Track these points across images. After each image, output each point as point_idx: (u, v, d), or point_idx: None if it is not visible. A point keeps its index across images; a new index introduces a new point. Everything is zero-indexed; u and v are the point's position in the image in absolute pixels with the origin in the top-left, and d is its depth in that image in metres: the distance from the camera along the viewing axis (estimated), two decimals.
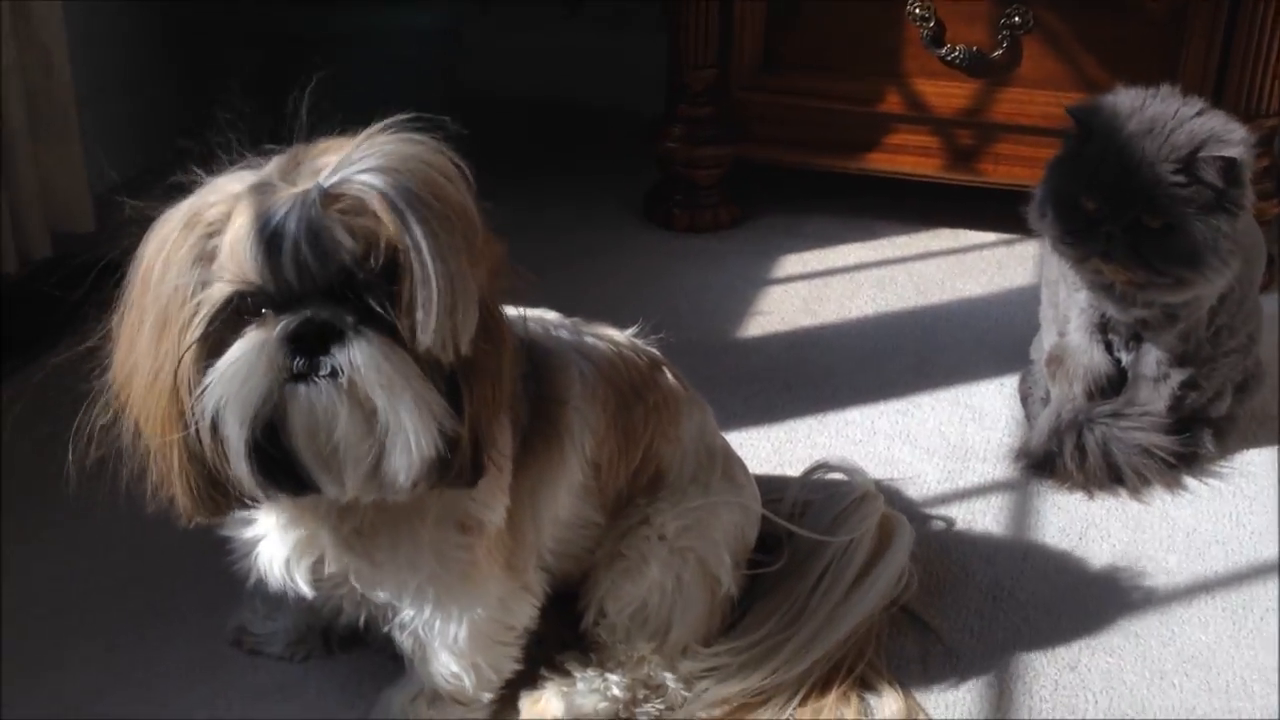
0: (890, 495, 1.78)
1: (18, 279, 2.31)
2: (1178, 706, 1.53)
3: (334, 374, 1.12)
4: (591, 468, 1.44)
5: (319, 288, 1.12)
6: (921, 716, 1.50)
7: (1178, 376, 1.93)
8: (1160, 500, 1.89)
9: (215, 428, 1.13)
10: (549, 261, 2.44)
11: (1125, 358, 1.98)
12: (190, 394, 1.14)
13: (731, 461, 1.59)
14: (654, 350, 1.55)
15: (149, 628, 1.60)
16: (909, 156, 2.57)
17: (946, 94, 2.51)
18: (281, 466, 1.16)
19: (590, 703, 1.46)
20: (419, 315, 1.12)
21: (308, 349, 1.12)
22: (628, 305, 2.31)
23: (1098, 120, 1.82)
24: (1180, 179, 1.75)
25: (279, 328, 1.12)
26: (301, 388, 1.13)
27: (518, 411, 1.34)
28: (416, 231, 1.11)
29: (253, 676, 1.54)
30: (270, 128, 1.21)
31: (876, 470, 1.89)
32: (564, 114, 3.14)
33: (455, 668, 1.39)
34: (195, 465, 1.17)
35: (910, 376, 2.17)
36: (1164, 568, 1.76)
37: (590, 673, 1.48)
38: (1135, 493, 1.90)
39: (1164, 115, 1.79)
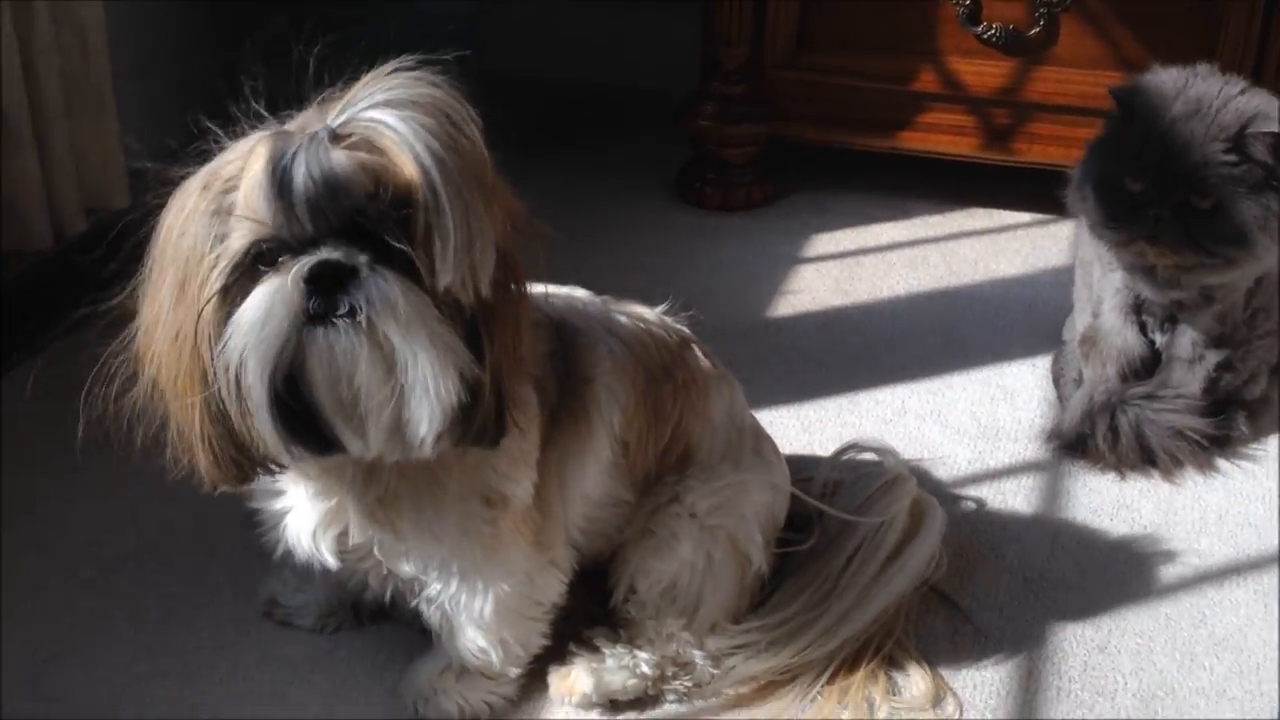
0: (921, 475, 1.77)
1: (52, 254, 2.32)
2: (1208, 689, 1.53)
3: (351, 313, 1.12)
4: (620, 445, 1.44)
5: (333, 229, 1.12)
6: (949, 696, 1.50)
7: (1213, 358, 1.91)
8: (1193, 482, 1.88)
9: (238, 383, 1.13)
10: (581, 240, 2.44)
11: (1159, 339, 1.96)
12: (211, 350, 1.14)
13: (761, 439, 1.58)
14: (683, 328, 1.55)
15: (179, 600, 1.62)
16: (943, 135, 2.55)
17: (982, 72, 2.49)
18: (304, 421, 1.15)
19: (619, 680, 1.46)
20: (436, 250, 1.11)
21: (325, 290, 1.12)
22: (659, 283, 2.32)
23: (1141, 101, 1.80)
24: (1230, 157, 1.74)
25: (294, 270, 1.12)
26: (320, 330, 1.12)
27: (546, 388, 1.34)
28: (428, 163, 1.10)
29: (283, 648, 1.55)
30: (293, 92, 1.22)
31: (907, 450, 1.89)
32: (595, 94, 3.13)
33: (482, 643, 1.40)
34: (218, 427, 1.17)
35: (942, 356, 2.16)
36: (1196, 550, 1.75)
37: (619, 649, 1.48)
38: (1167, 475, 1.88)
39: (1209, 94, 1.77)
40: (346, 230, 1.12)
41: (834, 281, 2.38)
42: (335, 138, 1.11)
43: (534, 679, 1.49)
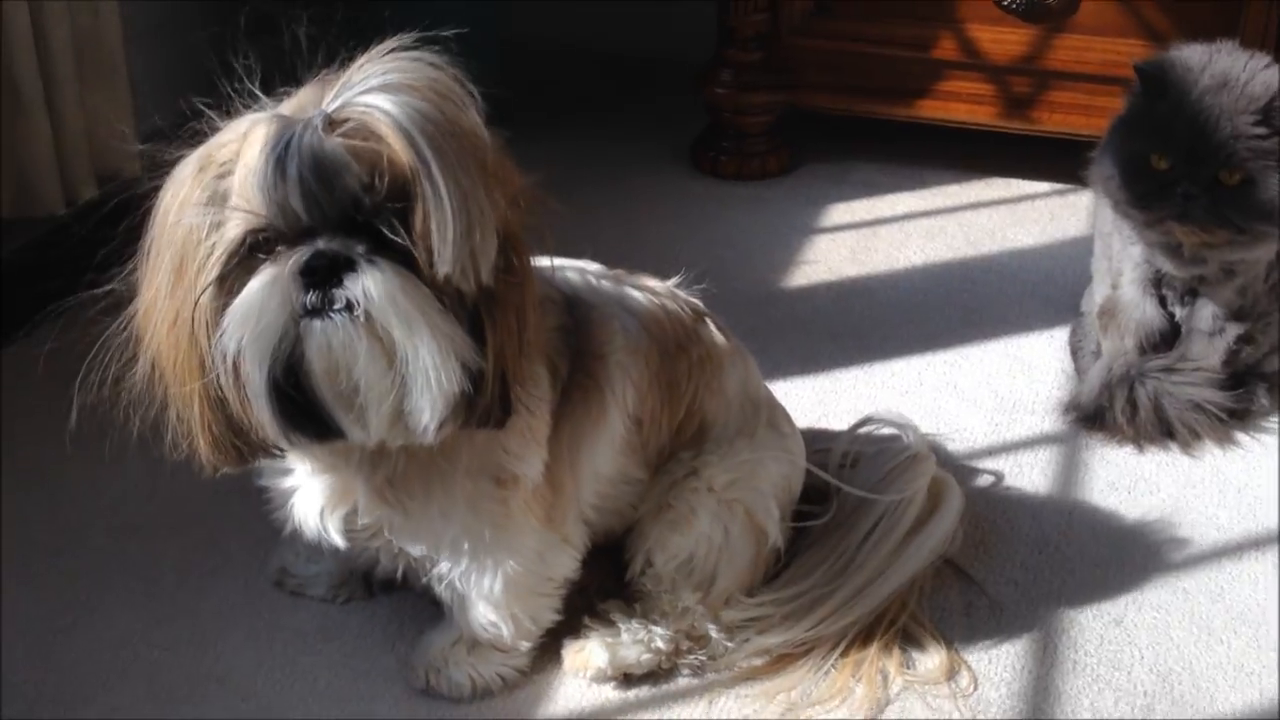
0: (937, 449, 1.76)
1: (63, 220, 2.32)
2: (1225, 663, 1.52)
3: (349, 307, 1.10)
4: (633, 422, 1.42)
5: (329, 218, 1.10)
6: (964, 669, 1.49)
7: (1233, 331, 1.90)
8: (1211, 455, 1.86)
9: (236, 371, 1.12)
10: (595, 208, 2.43)
11: (1179, 312, 1.94)
12: (209, 338, 1.13)
13: (776, 411, 1.57)
14: (697, 301, 1.53)
15: (190, 569, 1.62)
16: (962, 104, 2.53)
17: (1002, 40, 2.46)
18: (304, 409, 1.14)
19: (634, 654, 1.46)
20: (434, 239, 1.09)
21: (321, 282, 1.10)
22: (673, 253, 2.31)
23: (1168, 77, 1.78)
24: (1260, 130, 1.72)
25: (290, 262, 1.10)
26: (317, 323, 1.11)
27: (557, 364, 1.33)
28: (425, 150, 1.08)
29: (294, 617, 1.55)
30: (288, 68, 1.20)
31: (923, 422, 1.87)
32: (611, 62, 3.11)
33: (493, 617, 1.39)
34: (217, 413, 1.16)
35: (959, 328, 2.14)
36: (1214, 523, 1.73)
37: (634, 624, 1.48)
38: (1186, 448, 1.87)
39: (1235, 68, 1.76)
40: (343, 220, 1.10)
41: (850, 252, 2.36)
42: (330, 124, 1.09)
43: (547, 651, 1.48)
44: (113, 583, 1.59)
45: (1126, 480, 1.81)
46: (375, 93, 1.10)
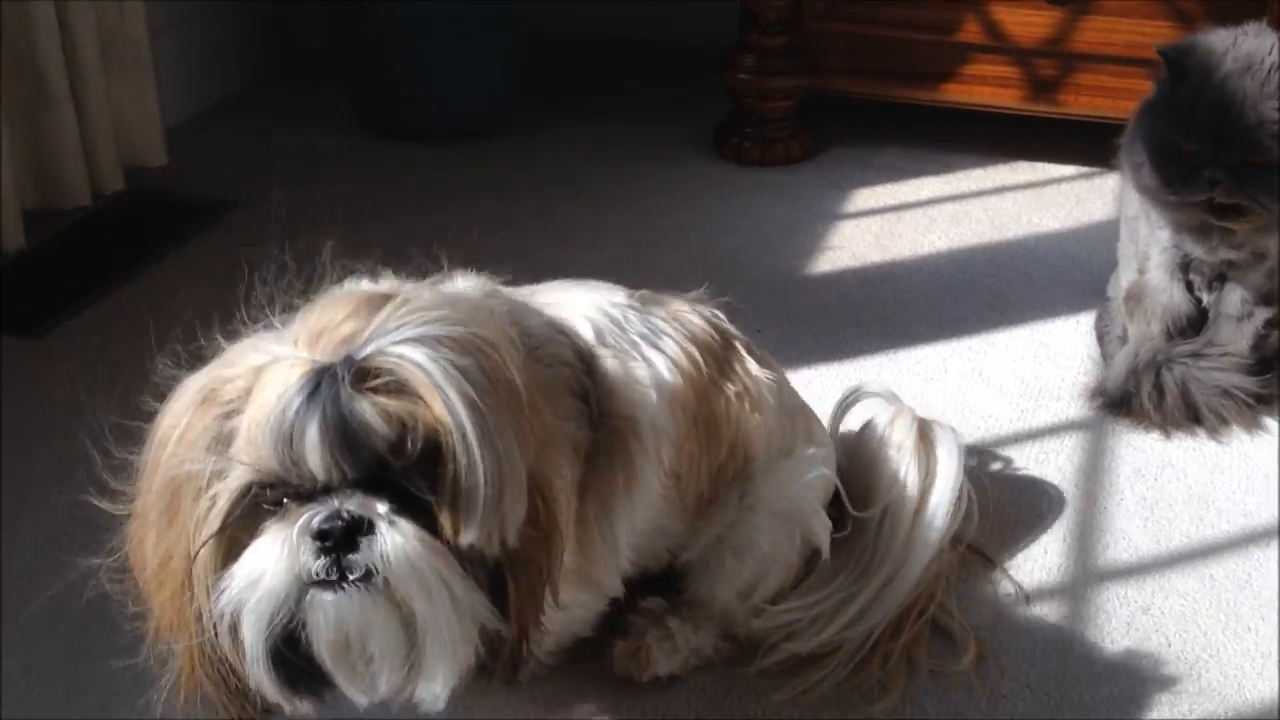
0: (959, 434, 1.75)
1: (90, 212, 2.33)
2: (1253, 651, 1.51)
3: (366, 575, 0.99)
4: (671, 478, 1.35)
5: (349, 478, 0.99)
6: (992, 659, 1.49)
7: (1262, 315, 1.89)
8: (1239, 441, 1.85)
9: (233, 633, 1.02)
10: (618, 197, 2.43)
11: (1206, 297, 1.93)
12: (208, 595, 1.02)
13: (811, 420, 1.54)
14: (724, 322, 1.46)
15: None
16: (987, 87, 2.51)
17: (1027, 22, 2.45)
18: (305, 671, 1.04)
19: (688, 659, 1.44)
20: (462, 504, 1.00)
21: (335, 547, 0.99)
22: (696, 240, 2.30)
23: (1192, 61, 1.77)
24: None
25: (300, 524, 0.99)
26: (328, 595, 1.00)
27: (577, 441, 1.24)
28: (462, 414, 0.98)
29: None
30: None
31: (948, 409, 1.87)
32: (633, 48, 3.10)
33: None
34: (214, 669, 1.07)
35: (984, 313, 2.13)
36: (1242, 509, 1.72)
37: (688, 627, 1.45)
38: (1214, 433, 1.86)
39: (1260, 50, 1.74)
40: (364, 477, 1.00)
41: (874, 237, 2.36)
42: (359, 375, 0.98)
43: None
44: None
45: (1153, 466, 1.80)
46: (412, 344, 1.00)
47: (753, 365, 1.45)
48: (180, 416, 1.04)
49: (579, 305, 1.33)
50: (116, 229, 2.31)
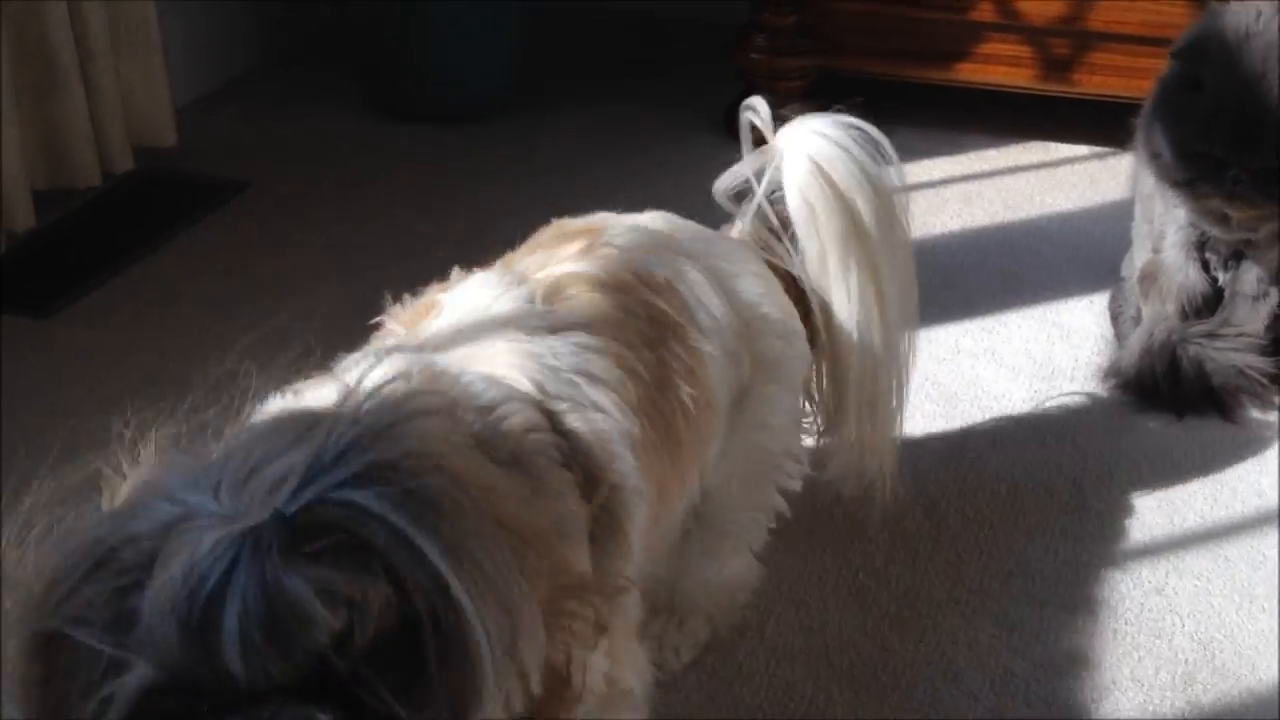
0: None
1: (100, 192, 2.33)
2: (1268, 631, 1.50)
3: None
4: (651, 520, 1.19)
5: (280, 684, 0.73)
6: (1002, 637, 1.48)
7: (1277, 295, 1.87)
8: (1254, 422, 1.84)
9: None
10: (628, 176, 2.42)
11: (1222, 277, 1.92)
12: None
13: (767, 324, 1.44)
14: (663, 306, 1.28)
15: None
16: (1000, 66, 2.50)
17: (1041, 1, 2.43)
18: None
19: (682, 656, 1.45)
20: (464, 689, 0.75)
21: None
22: (708, 221, 2.28)
23: (1208, 63, 1.75)
24: None
25: None
26: None
27: (580, 514, 1.04)
28: (440, 566, 0.74)
29: None
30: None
31: (961, 389, 1.86)
32: (645, 26, 3.09)
33: None
34: None
35: (997, 294, 2.12)
36: (1256, 490, 1.72)
37: (671, 627, 1.46)
38: (1228, 414, 1.85)
39: (1273, 46, 1.72)
40: (300, 681, 0.73)
41: None
42: (290, 538, 0.73)
43: None
44: None
45: (1167, 447, 1.79)
46: (357, 484, 0.74)
47: (691, 334, 1.27)
48: (56, 585, 0.76)
49: (500, 357, 1.10)
50: (126, 209, 2.31)
